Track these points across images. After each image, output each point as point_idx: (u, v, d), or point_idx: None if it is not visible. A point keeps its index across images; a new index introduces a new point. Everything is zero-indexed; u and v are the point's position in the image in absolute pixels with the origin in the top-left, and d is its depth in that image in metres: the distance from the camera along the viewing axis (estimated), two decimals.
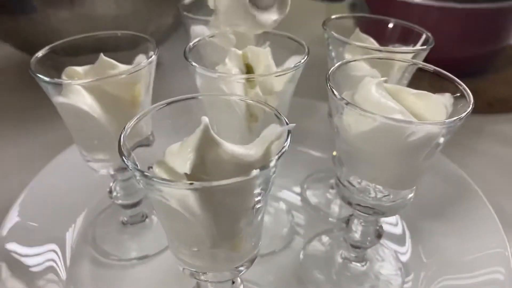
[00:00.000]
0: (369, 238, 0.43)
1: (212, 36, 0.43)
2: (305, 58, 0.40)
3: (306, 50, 0.41)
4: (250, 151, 0.30)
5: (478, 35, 0.74)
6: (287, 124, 0.31)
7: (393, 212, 0.40)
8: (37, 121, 0.69)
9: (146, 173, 0.26)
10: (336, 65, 0.37)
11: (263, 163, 0.27)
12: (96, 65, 0.41)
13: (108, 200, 0.49)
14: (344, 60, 0.39)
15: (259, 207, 0.31)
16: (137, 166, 0.28)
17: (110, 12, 0.68)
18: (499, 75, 0.81)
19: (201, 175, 0.29)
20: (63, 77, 0.41)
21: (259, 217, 0.32)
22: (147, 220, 0.51)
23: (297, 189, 0.57)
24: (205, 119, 0.29)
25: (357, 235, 0.43)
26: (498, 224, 0.47)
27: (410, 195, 0.39)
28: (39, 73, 0.38)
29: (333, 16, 0.48)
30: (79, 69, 0.41)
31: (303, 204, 0.55)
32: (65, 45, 0.43)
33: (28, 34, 0.69)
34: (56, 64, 0.42)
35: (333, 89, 0.34)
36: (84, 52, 0.44)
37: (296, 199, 0.56)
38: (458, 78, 0.38)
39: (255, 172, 0.27)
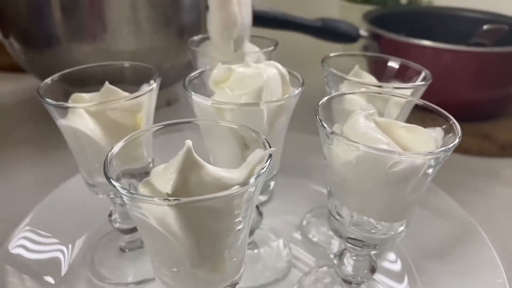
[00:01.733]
0: (362, 273, 0.42)
1: (212, 69, 0.45)
2: (299, 90, 0.41)
3: (301, 82, 0.42)
4: (233, 174, 0.31)
5: (490, 79, 0.74)
6: (269, 147, 0.31)
7: (384, 246, 0.39)
8: (53, 149, 0.72)
9: (125, 188, 0.27)
10: (327, 97, 0.38)
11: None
12: (101, 92, 0.43)
13: (108, 226, 0.50)
14: (335, 93, 0.40)
15: (239, 229, 0.31)
16: (121, 184, 0.29)
17: (129, 48, 0.72)
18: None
19: (183, 196, 0.30)
20: (69, 102, 0.43)
21: (241, 239, 0.32)
22: (144, 247, 0.52)
23: (297, 223, 0.57)
24: (189, 142, 0.30)
25: (349, 270, 0.42)
26: (501, 267, 0.45)
27: (401, 228, 0.38)
28: (47, 98, 0.41)
29: (331, 54, 0.50)
30: (85, 95, 0.44)
31: (302, 239, 0.55)
32: (74, 74, 0.46)
33: (52, 66, 0.73)
34: (66, 93, 0.44)
35: (321, 121, 0.35)
36: (93, 83, 0.47)
37: (296, 233, 0.56)
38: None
39: (234, 188, 0.27)
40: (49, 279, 0.46)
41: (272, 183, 0.47)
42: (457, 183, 0.65)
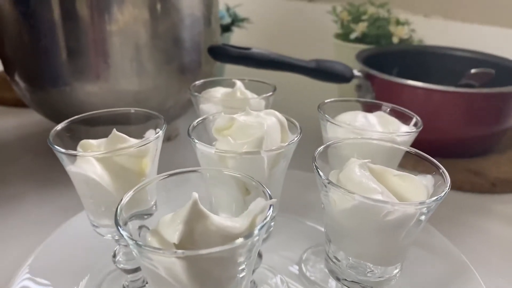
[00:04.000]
0: None
1: (215, 115, 0.48)
2: (297, 137, 0.43)
3: (299, 130, 0.44)
4: (236, 223, 0.33)
5: (479, 118, 0.77)
6: (270, 198, 0.33)
7: (380, 287, 0.41)
8: (54, 185, 0.74)
9: (137, 242, 0.29)
10: (322, 146, 0.41)
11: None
12: (109, 138, 0.46)
13: (111, 265, 0.51)
14: (331, 142, 0.42)
15: (242, 276, 0.33)
16: (131, 235, 0.31)
17: (132, 88, 0.74)
18: (503, 155, 0.83)
19: (189, 246, 0.32)
20: (78, 149, 0.45)
21: (243, 285, 0.34)
22: (147, 285, 0.53)
23: (296, 260, 0.58)
24: (195, 195, 0.32)
25: None
26: None
27: (396, 271, 0.40)
28: (56, 144, 0.43)
29: (327, 100, 0.52)
30: (93, 142, 0.46)
31: (299, 276, 0.56)
32: (83, 119, 0.48)
33: (56, 105, 0.76)
34: (72, 136, 0.46)
35: (318, 169, 0.37)
36: (101, 124, 0.49)
37: (294, 271, 0.57)
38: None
39: (238, 241, 0.29)
40: None
41: (272, 224, 0.49)
42: (449, 219, 0.67)
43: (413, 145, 0.46)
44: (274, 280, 0.55)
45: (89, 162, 0.43)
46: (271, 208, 0.32)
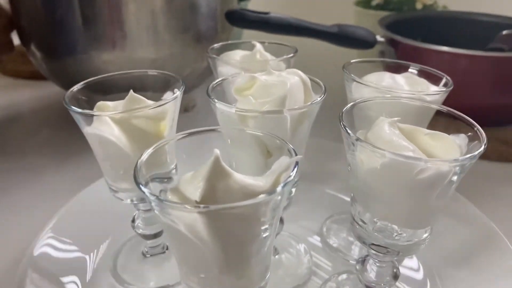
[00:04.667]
0: (385, 279, 0.42)
1: (235, 76, 0.46)
2: (322, 97, 0.41)
3: (323, 89, 0.42)
4: (259, 182, 0.31)
5: (509, 84, 0.74)
6: (295, 155, 0.32)
7: (408, 252, 0.39)
8: (74, 154, 0.73)
9: (157, 196, 0.28)
10: (349, 104, 0.39)
11: None
12: (126, 100, 0.44)
13: (130, 231, 0.51)
14: (359, 100, 0.40)
15: (266, 236, 0.32)
16: (150, 190, 0.29)
17: (148, 56, 0.73)
18: None
19: (211, 203, 0.30)
20: (95, 110, 0.44)
21: (267, 247, 0.33)
22: (167, 251, 0.52)
23: (318, 230, 0.57)
24: (216, 151, 0.31)
25: (372, 276, 0.42)
26: None
27: (425, 235, 0.38)
28: (73, 105, 0.41)
29: (352, 60, 0.50)
30: (110, 103, 0.44)
31: (322, 245, 0.55)
32: (98, 82, 0.47)
33: (73, 75, 0.75)
34: (89, 100, 0.45)
35: (346, 127, 0.35)
36: (116, 90, 0.48)
37: (316, 240, 0.56)
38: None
39: (261, 196, 0.28)
40: (73, 285, 0.47)
41: (293, 190, 0.47)
42: (476, 188, 0.64)
43: None
44: (297, 248, 0.54)
45: (105, 123, 0.41)
46: (297, 166, 0.31)
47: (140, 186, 0.29)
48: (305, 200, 0.61)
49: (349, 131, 0.35)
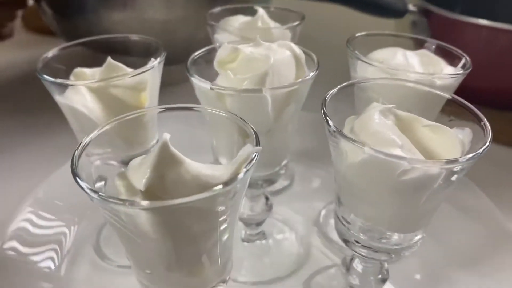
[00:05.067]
0: (370, 284, 0.38)
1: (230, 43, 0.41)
2: (312, 74, 0.36)
3: (316, 65, 0.37)
4: (216, 172, 0.28)
5: None
6: (257, 145, 0.28)
7: (398, 256, 0.35)
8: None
9: (90, 188, 0.25)
10: (336, 88, 0.34)
11: None
12: (103, 67, 0.41)
13: None
14: (352, 81, 0.35)
15: (223, 228, 0.28)
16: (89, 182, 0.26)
17: (160, 17, 0.69)
18: None
19: (159, 194, 0.27)
20: (71, 78, 0.41)
21: (223, 241, 0.29)
22: None
23: (314, 215, 0.53)
24: (166, 136, 0.27)
25: (356, 280, 0.38)
26: None
27: (417, 238, 0.34)
28: (46, 73, 0.39)
29: (357, 34, 0.44)
30: (87, 70, 0.41)
31: (318, 234, 0.51)
32: (78, 44, 0.44)
33: (82, 33, 0.71)
34: (68, 63, 0.42)
35: (327, 116, 0.31)
36: (100, 52, 0.45)
37: (312, 229, 0.51)
38: None
39: (215, 189, 0.25)
40: (53, 257, 0.46)
41: (282, 172, 0.43)
42: (489, 176, 0.57)
43: (461, 92, 0.37)
44: (288, 235, 0.51)
45: (79, 92, 0.39)
46: (256, 157, 0.27)
47: (76, 177, 0.26)
48: (306, 180, 0.57)
49: (328, 119, 0.30)
